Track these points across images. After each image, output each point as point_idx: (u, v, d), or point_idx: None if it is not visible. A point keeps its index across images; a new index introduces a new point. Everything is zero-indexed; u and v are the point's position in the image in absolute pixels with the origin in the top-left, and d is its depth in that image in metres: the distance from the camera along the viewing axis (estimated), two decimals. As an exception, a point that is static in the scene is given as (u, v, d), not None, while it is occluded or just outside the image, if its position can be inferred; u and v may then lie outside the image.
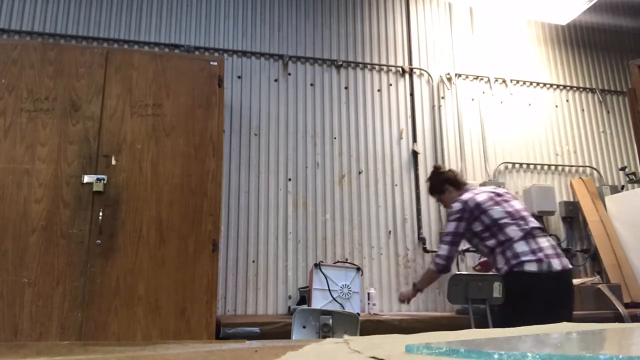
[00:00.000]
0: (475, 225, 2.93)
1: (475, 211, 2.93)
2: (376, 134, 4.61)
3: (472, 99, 4.98)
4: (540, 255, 2.73)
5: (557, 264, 2.72)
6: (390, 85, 4.80)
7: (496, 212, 2.90)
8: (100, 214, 3.04)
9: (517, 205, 2.99)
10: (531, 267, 2.70)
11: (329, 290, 3.39)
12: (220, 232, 3.52)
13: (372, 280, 4.22)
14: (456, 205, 3.00)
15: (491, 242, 2.87)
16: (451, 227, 2.98)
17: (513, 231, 2.83)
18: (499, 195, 3.02)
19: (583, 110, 5.32)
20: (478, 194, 3.01)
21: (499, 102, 5.06)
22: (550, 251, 2.77)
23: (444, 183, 3.26)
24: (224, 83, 3.55)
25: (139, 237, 3.06)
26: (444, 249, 2.98)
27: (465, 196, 3.01)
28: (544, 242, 2.82)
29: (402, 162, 4.59)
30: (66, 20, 4.20)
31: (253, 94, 4.42)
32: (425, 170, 4.61)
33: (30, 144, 3.06)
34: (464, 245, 4.51)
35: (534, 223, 2.91)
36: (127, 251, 3.02)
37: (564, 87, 5.33)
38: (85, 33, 4.21)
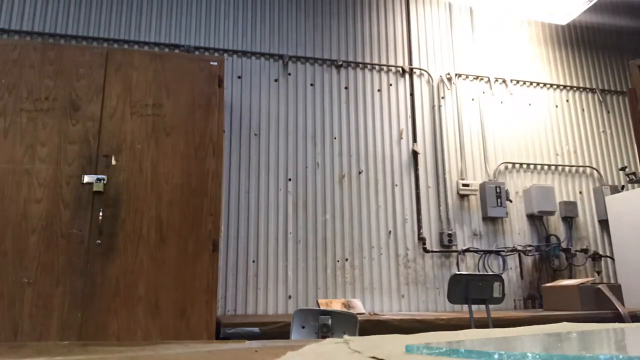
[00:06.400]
0: None
1: None
2: (376, 134, 4.61)
3: (472, 99, 4.98)
4: None
5: None
6: (390, 85, 4.80)
7: None
8: (100, 214, 3.04)
9: None
10: None
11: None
12: (220, 232, 3.52)
13: (372, 280, 4.22)
14: None
15: None
16: None
17: None
18: None
19: (583, 110, 5.32)
20: None
21: (499, 102, 5.06)
22: None
23: None
24: (224, 83, 3.55)
25: (139, 237, 3.06)
26: None
27: None
28: None
29: (402, 162, 4.59)
30: (66, 20, 4.20)
31: (253, 94, 4.42)
32: (425, 170, 4.61)
33: (30, 144, 3.06)
34: (463, 245, 4.53)
35: None
36: (127, 251, 3.02)
37: (564, 87, 5.33)
38: (85, 33, 4.21)
